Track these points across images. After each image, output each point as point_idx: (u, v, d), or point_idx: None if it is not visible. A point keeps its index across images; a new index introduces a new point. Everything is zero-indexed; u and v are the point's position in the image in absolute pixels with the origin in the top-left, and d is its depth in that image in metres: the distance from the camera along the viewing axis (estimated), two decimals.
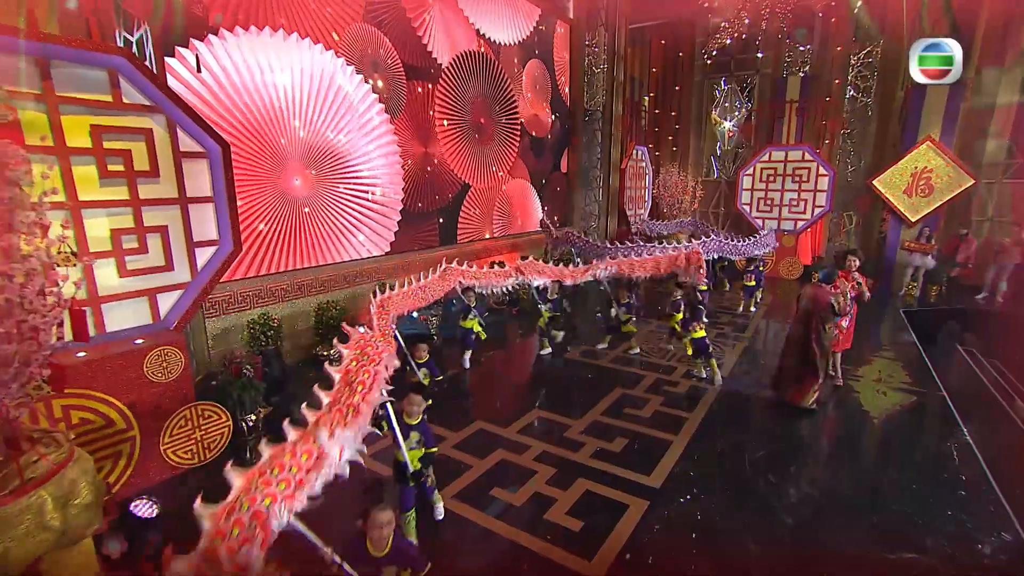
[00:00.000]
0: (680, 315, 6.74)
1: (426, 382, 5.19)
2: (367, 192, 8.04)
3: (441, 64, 9.37)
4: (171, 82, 5.41)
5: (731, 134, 14.79)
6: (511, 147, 11.58)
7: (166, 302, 4.62)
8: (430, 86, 9.19)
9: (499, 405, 6.03)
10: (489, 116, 10.77)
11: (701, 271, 6.86)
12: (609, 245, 9.58)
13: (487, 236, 11.08)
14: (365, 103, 7.84)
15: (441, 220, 9.75)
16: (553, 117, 12.97)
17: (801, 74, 13.28)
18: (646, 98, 15.10)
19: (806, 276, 13.34)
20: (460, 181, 10.12)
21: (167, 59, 5.40)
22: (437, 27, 9.17)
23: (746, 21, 11.31)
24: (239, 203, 6.25)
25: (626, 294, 7.60)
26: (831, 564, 3.49)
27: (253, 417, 5.38)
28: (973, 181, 11.40)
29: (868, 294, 6.04)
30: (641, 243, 8.83)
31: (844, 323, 6.10)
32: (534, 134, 12.37)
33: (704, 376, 6.57)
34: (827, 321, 5.53)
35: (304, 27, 6.86)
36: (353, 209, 7.86)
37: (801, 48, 13.35)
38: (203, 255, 4.89)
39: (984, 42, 11.32)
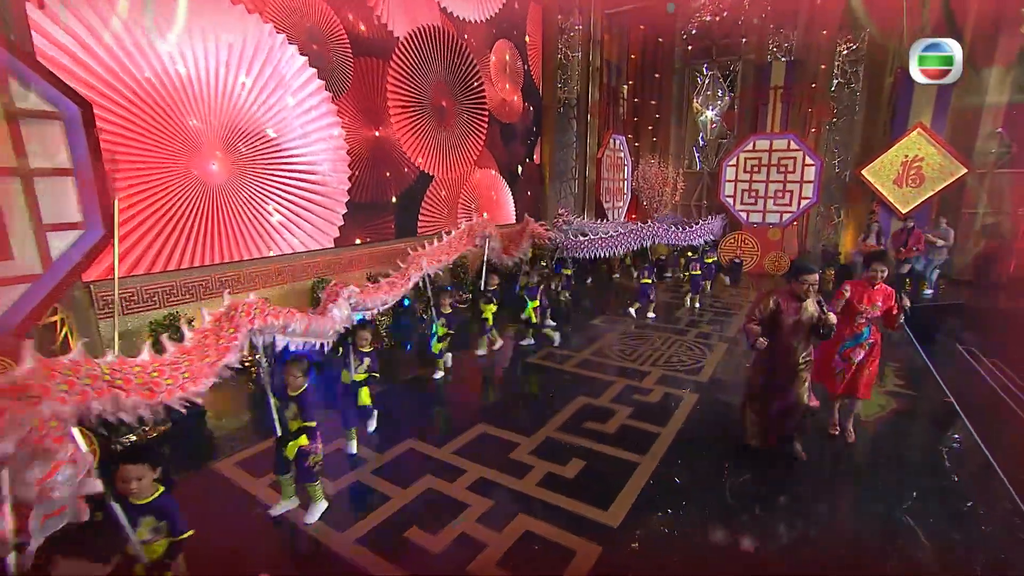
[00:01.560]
0: (494, 306, 6.83)
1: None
2: (303, 178, 7.13)
3: (397, 36, 8.48)
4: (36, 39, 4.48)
5: (713, 124, 14.07)
6: (477, 134, 10.72)
7: (2, 299, 3.69)
8: (382, 62, 8.31)
9: (438, 419, 5.16)
10: (452, 99, 9.90)
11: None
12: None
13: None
14: (300, 78, 6.92)
15: (396, 211, 8.85)
16: (525, 104, 12.15)
17: (785, 59, 12.60)
18: (625, 86, 14.34)
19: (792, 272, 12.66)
20: (418, 169, 9.24)
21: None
22: None
23: None
24: (138, 185, 5.37)
25: (448, 303, 6.15)
26: None
27: (133, 437, 4.48)
28: (966, 170, 10.79)
29: (900, 318, 4.15)
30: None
31: (857, 357, 4.29)
32: (504, 121, 11.53)
33: (531, 343, 7.14)
34: (750, 336, 3.98)
35: None
36: (285, 197, 6.94)
37: (784, 31, 12.68)
38: (61, 241, 3.97)
39: (974, 36, 10.70)
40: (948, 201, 11.42)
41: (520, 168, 12.24)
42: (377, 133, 8.34)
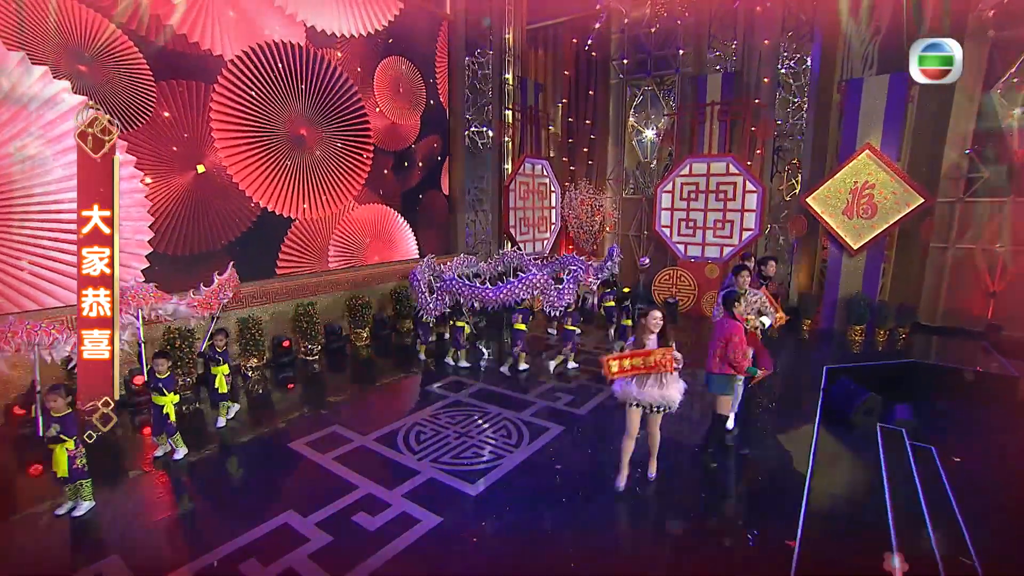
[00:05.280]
0: (174, 395, 5.08)
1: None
2: (71, 228, 6.19)
3: (220, 55, 7.51)
4: None
5: (653, 142, 12.65)
6: (357, 166, 9.66)
7: None
8: (203, 86, 7.36)
9: (58, 548, 3.92)
10: (315, 127, 8.87)
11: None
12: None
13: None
14: (58, 107, 6.02)
15: (238, 257, 7.69)
16: (430, 129, 11.07)
17: (721, 71, 11.17)
18: (559, 104, 13.13)
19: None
20: (262, 210, 8.21)
21: None
22: (209, 11, 7.33)
23: None
24: None
25: (64, 401, 4.13)
26: None
27: None
28: (923, 200, 9.10)
29: None
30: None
31: None
32: (397, 149, 10.47)
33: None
34: None
35: None
36: (45, 249, 6.01)
37: (726, 43, 11.27)
38: None
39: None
40: (907, 233, 9.74)
41: (421, 199, 11.13)
42: (197, 172, 7.38)
